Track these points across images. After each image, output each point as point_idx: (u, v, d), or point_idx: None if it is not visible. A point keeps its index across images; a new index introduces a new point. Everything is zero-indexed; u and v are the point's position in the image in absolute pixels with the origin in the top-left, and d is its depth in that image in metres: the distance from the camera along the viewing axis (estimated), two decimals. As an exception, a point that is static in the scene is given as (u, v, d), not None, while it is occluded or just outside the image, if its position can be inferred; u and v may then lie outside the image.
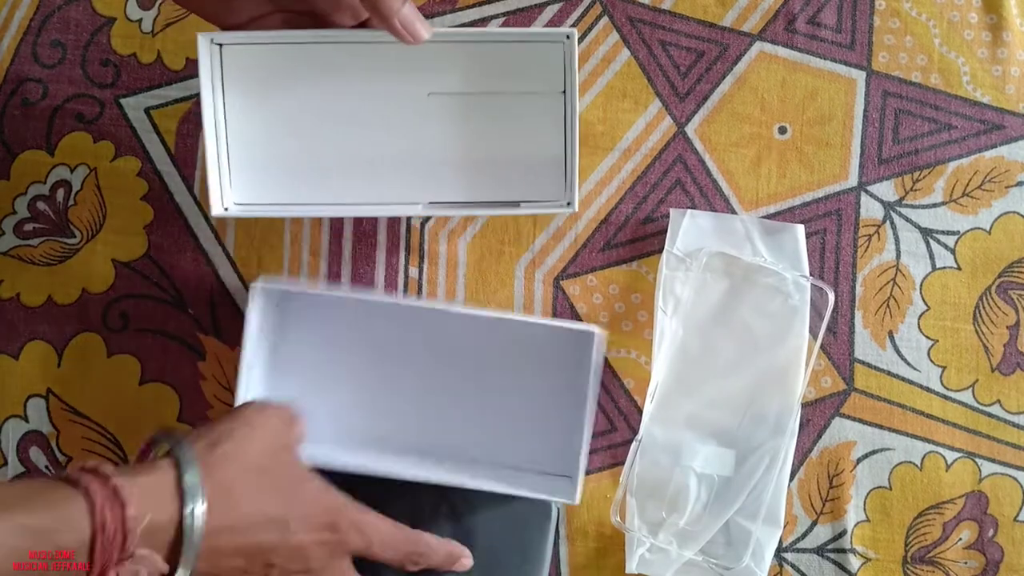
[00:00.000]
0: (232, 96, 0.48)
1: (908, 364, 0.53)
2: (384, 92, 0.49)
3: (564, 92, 0.48)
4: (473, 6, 0.56)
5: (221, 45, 0.47)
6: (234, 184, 0.49)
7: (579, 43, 0.55)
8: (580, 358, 0.48)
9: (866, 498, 0.52)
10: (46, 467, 0.53)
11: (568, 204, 0.48)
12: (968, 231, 0.54)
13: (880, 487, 0.52)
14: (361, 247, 0.54)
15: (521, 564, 0.49)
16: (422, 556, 0.45)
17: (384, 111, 0.49)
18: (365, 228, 0.54)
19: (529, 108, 0.49)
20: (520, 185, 0.49)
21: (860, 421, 0.53)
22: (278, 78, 0.48)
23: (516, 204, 0.49)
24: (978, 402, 0.53)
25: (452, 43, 0.48)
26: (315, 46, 0.48)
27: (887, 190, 0.54)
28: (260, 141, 0.49)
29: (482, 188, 0.49)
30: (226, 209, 0.48)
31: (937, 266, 0.54)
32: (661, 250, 0.53)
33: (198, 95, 0.48)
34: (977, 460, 0.52)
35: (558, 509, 0.51)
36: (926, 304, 0.54)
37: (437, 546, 0.46)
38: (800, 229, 0.53)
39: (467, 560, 0.47)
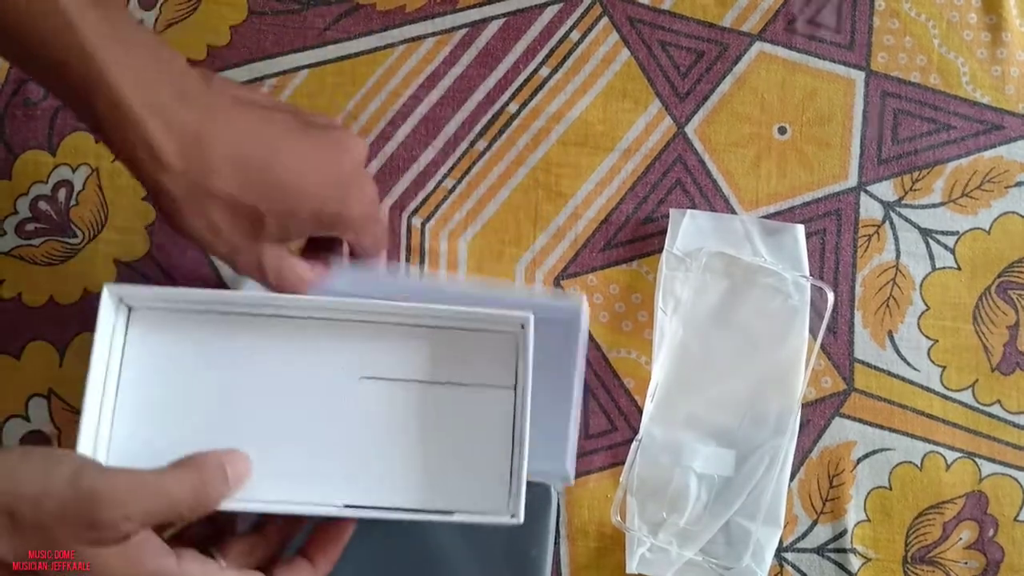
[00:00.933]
0: (134, 353, 0.43)
1: (908, 364, 0.53)
2: (311, 370, 0.43)
3: (515, 387, 0.44)
4: (474, 7, 0.56)
5: (131, 308, 0.42)
6: (114, 437, 0.43)
7: (579, 43, 0.56)
8: (567, 339, 0.48)
9: (866, 498, 0.52)
10: (47, 467, 0.53)
11: (512, 516, 0.41)
12: (968, 231, 0.54)
13: (880, 487, 0.52)
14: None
15: (525, 551, 0.49)
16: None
17: (308, 392, 0.43)
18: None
19: (475, 402, 0.44)
20: (458, 491, 0.43)
21: (860, 421, 0.53)
22: (189, 343, 0.43)
23: (450, 513, 0.42)
24: (978, 402, 0.53)
25: (390, 325, 0.44)
26: (240, 316, 0.43)
27: (887, 190, 0.55)
28: (156, 409, 0.43)
29: (411, 491, 0.43)
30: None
31: (937, 266, 0.54)
32: (661, 250, 0.53)
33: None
34: (977, 460, 0.52)
35: (558, 494, 0.51)
36: (926, 304, 0.54)
37: None
38: (800, 229, 0.53)
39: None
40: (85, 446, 0.41)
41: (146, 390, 0.43)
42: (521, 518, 0.41)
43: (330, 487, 0.42)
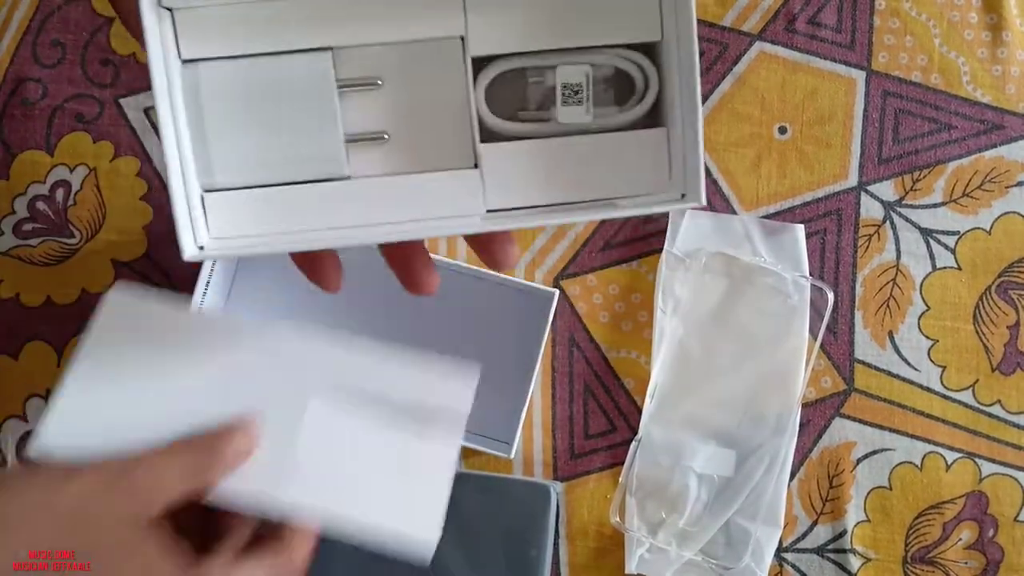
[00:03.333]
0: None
1: (908, 364, 0.53)
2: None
3: (661, 39, 0.36)
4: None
5: (172, 10, 0.35)
6: (211, 210, 0.36)
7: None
8: (537, 320, 0.48)
9: (866, 498, 0.52)
10: (46, 467, 0.53)
11: (683, 196, 0.35)
12: (968, 231, 0.54)
13: (880, 487, 0.52)
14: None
15: (524, 551, 0.49)
16: None
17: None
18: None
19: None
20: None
21: (860, 421, 0.53)
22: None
23: (612, 204, 0.36)
24: (978, 402, 0.53)
25: None
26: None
27: (887, 190, 0.54)
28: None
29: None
30: (201, 248, 0.35)
31: (937, 266, 0.54)
32: (661, 250, 0.53)
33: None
34: (977, 460, 0.52)
35: (557, 495, 0.51)
36: (926, 304, 0.54)
37: None
38: (800, 229, 0.53)
39: None
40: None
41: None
42: (702, 199, 0.34)
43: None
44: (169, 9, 0.35)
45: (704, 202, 0.34)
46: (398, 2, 0.35)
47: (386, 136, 0.36)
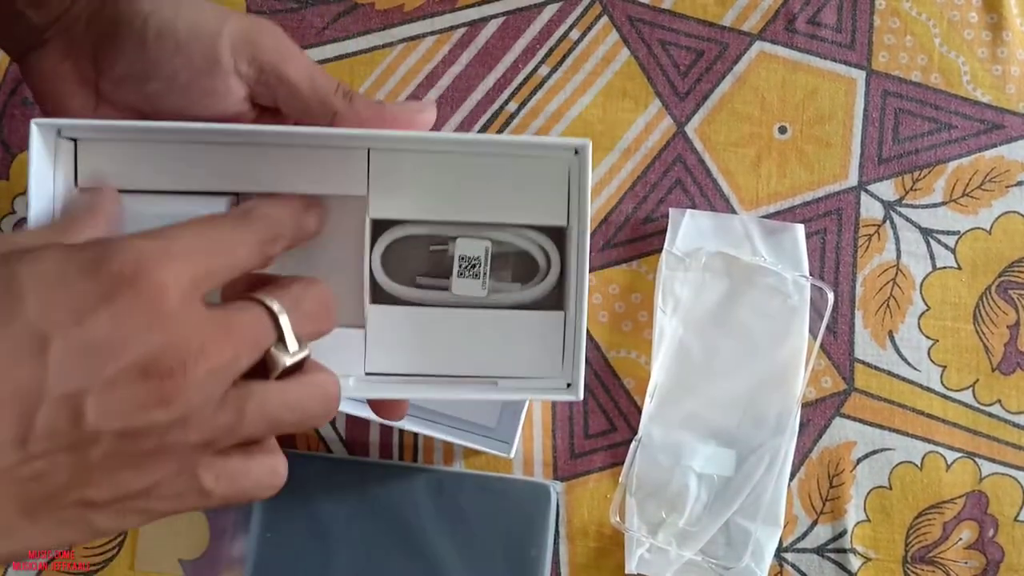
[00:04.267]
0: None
1: (908, 364, 0.53)
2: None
3: (568, 225, 0.36)
4: (472, 6, 0.56)
5: (75, 140, 0.34)
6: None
7: (579, 42, 0.55)
8: None
9: (866, 498, 0.52)
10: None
11: (568, 386, 0.35)
12: (968, 231, 0.54)
13: (880, 487, 0.52)
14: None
15: (524, 551, 0.49)
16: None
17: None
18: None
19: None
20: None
21: (860, 421, 0.53)
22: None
23: (494, 383, 0.36)
24: (978, 402, 0.53)
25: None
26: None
27: (887, 190, 0.54)
28: None
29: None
30: None
31: (937, 266, 0.54)
32: (661, 250, 0.53)
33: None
34: (977, 460, 0.52)
35: (557, 494, 0.51)
36: (926, 304, 0.54)
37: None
38: (800, 229, 0.53)
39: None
40: None
41: None
42: (579, 395, 0.35)
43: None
44: (73, 140, 0.34)
45: (580, 398, 0.35)
46: (305, 158, 0.35)
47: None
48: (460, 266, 0.36)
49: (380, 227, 0.36)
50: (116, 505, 0.25)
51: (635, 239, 0.54)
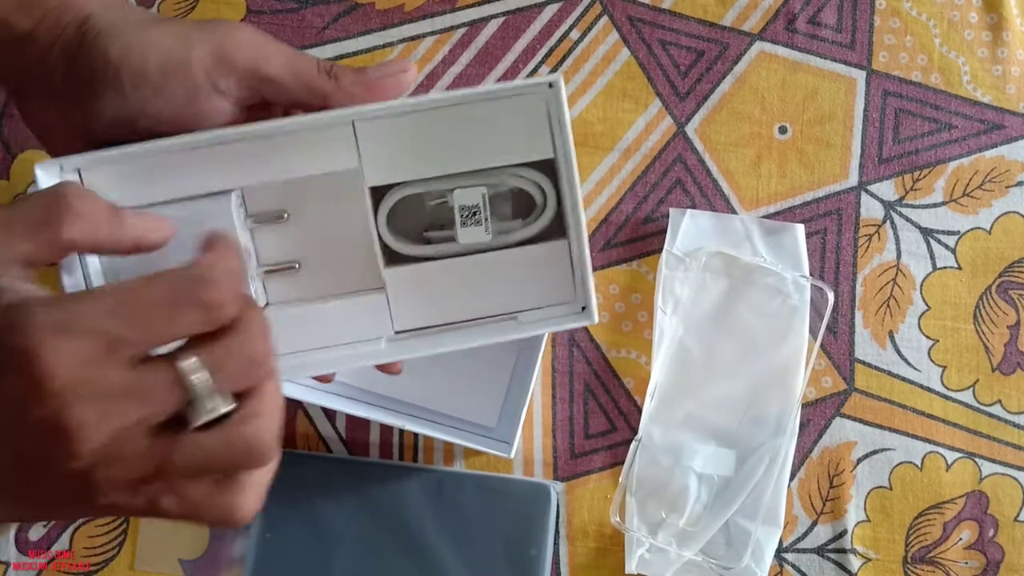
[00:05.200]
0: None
1: (908, 364, 0.53)
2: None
3: (555, 156, 0.37)
4: (472, 6, 0.56)
5: (79, 170, 0.36)
6: None
7: (579, 42, 0.55)
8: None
9: (866, 498, 0.52)
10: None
11: (583, 309, 0.37)
12: (968, 231, 0.54)
13: (880, 487, 0.52)
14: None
15: (524, 551, 0.49)
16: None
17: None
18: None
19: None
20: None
21: (860, 421, 0.53)
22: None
23: (515, 319, 0.38)
24: (978, 402, 0.53)
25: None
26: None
27: (887, 190, 0.54)
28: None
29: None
30: None
31: (937, 266, 0.54)
32: (661, 250, 0.53)
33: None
34: (977, 460, 0.52)
35: (557, 494, 0.51)
36: (926, 304, 0.54)
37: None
38: (800, 229, 0.53)
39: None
40: None
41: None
42: (594, 317, 0.36)
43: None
44: (77, 170, 0.36)
45: (596, 320, 0.37)
46: (294, 143, 0.36)
47: (297, 266, 0.38)
48: (462, 216, 0.37)
49: (379, 193, 0.37)
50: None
51: (635, 239, 0.54)
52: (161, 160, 0.36)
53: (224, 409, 0.28)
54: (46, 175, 0.35)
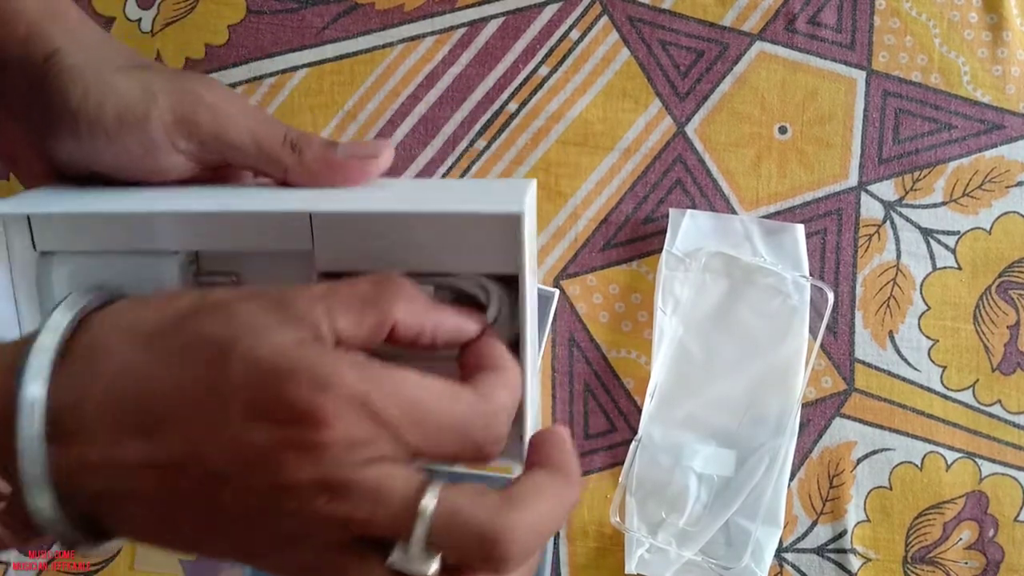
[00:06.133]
0: None
1: (908, 364, 0.53)
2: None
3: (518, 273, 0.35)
4: (472, 6, 0.56)
5: (28, 217, 0.36)
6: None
7: (579, 42, 0.55)
8: (538, 320, 0.47)
9: (866, 498, 0.52)
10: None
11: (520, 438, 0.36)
12: (968, 231, 0.54)
13: (880, 487, 0.52)
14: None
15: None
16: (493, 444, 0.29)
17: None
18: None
19: None
20: None
21: (860, 421, 0.53)
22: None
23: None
24: (978, 402, 0.53)
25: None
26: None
27: (887, 190, 0.54)
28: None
29: None
30: None
31: (937, 266, 0.54)
32: (661, 250, 0.53)
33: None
34: (977, 460, 0.52)
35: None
36: (926, 304, 0.54)
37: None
38: (800, 229, 0.53)
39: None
40: None
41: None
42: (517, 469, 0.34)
43: None
44: (27, 216, 0.36)
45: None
46: (251, 220, 0.36)
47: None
48: None
49: (329, 276, 0.37)
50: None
51: (635, 239, 0.54)
52: (114, 219, 0.36)
53: (423, 570, 0.25)
54: None
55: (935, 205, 0.54)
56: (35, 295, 0.37)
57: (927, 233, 0.54)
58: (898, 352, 0.53)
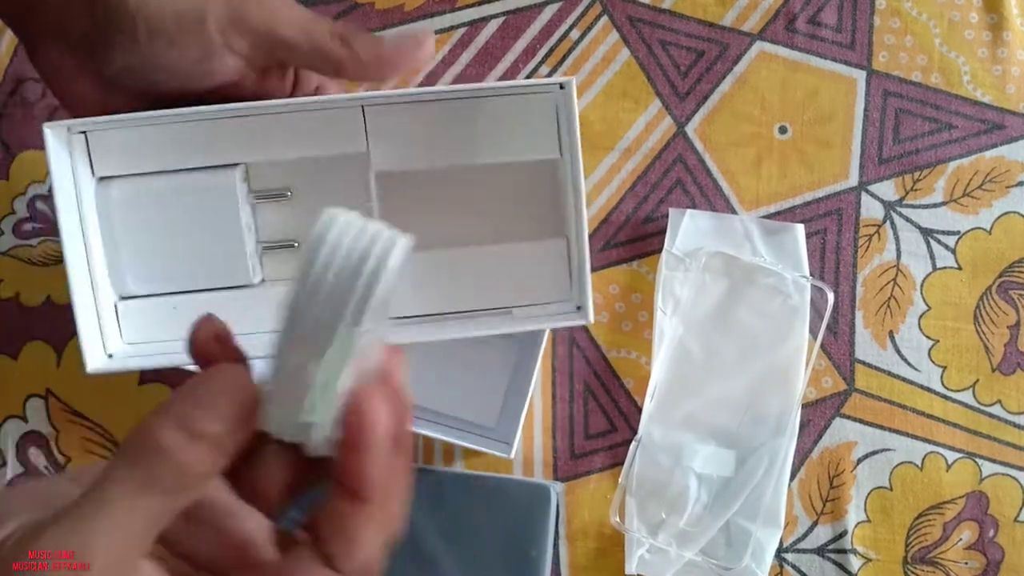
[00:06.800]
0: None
1: (909, 364, 0.53)
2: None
3: (560, 156, 0.37)
4: (472, 5, 0.56)
5: (85, 132, 0.36)
6: (124, 317, 0.37)
7: (579, 42, 0.55)
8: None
9: (867, 498, 0.52)
10: (45, 467, 0.53)
11: (578, 308, 0.37)
12: (968, 231, 0.54)
13: (881, 487, 0.52)
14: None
15: (524, 552, 0.49)
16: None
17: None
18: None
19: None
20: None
21: (861, 421, 0.52)
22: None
23: (509, 312, 0.37)
24: (979, 402, 0.53)
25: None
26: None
27: (887, 190, 0.54)
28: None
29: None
30: (110, 357, 0.37)
31: (938, 266, 0.54)
32: (661, 250, 0.53)
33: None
34: (977, 460, 0.52)
35: (557, 495, 0.51)
36: (927, 304, 0.54)
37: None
38: (800, 229, 0.53)
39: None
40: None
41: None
42: (590, 317, 0.35)
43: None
44: (83, 132, 0.36)
45: (591, 320, 0.36)
46: (303, 122, 0.37)
47: (296, 244, 0.38)
48: None
49: (386, 180, 0.37)
50: None
51: (635, 239, 0.54)
52: (169, 128, 0.36)
53: None
54: (54, 136, 0.35)
55: (935, 205, 0.54)
56: (95, 220, 0.36)
57: (927, 233, 0.54)
58: (898, 352, 0.53)
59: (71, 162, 0.36)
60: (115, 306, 0.38)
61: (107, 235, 0.37)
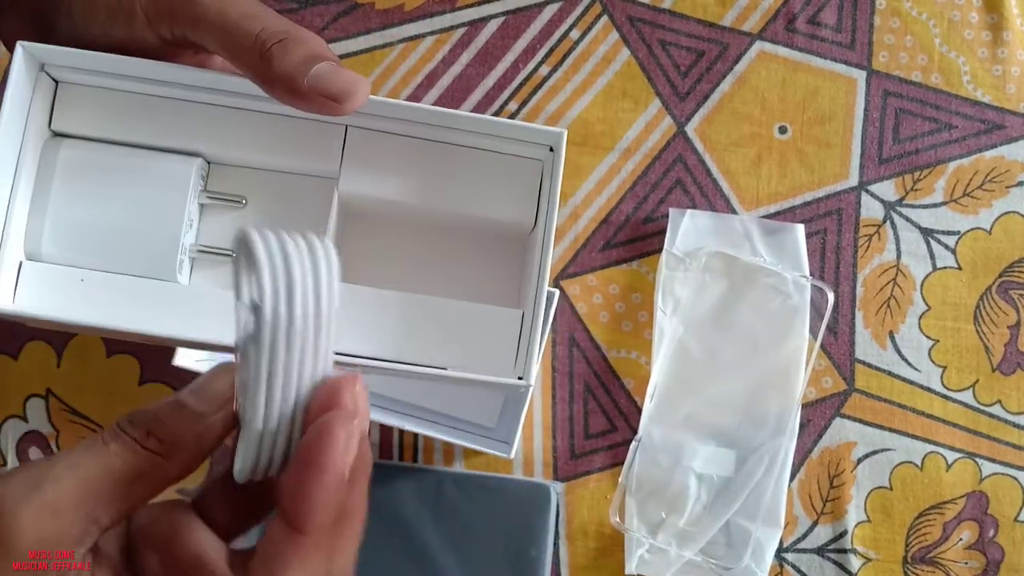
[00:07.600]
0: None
1: (909, 364, 0.53)
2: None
3: (535, 226, 0.35)
4: (472, 5, 0.56)
5: (58, 82, 0.34)
6: (24, 278, 0.34)
7: (579, 42, 0.55)
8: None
9: (867, 498, 0.52)
10: (45, 467, 0.53)
11: (520, 378, 0.34)
12: (968, 231, 0.54)
13: (881, 487, 0.52)
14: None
15: (524, 551, 0.49)
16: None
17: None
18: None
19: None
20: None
21: (861, 421, 0.52)
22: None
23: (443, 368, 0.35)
24: (979, 402, 0.53)
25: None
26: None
27: (887, 190, 0.54)
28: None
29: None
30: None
31: (938, 266, 0.54)
32: (661, 250, 0.53)
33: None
34: (978, 460, 0.52)
35: (557, 495, 0.51)
36: (927, 304, 0.54)
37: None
38: (800, 229, 0.53)
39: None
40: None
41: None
42: (529, 382, 0.33)
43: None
44: (55, 80, 0.34)
45: (528, 384, 0.34)
46: (281, 132, 0.35)
47: (234, 255, 0.36)
48: None
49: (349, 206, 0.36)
50: None
51: (635, 239, 0.54)
52: (137, 99, 0.35)
53: None
54: (23, 60, 0.32)
55: (935, 205, 0.54)
56: (33, 171, 0.34)
57: (927, 233, 0.54)
58: (898, 352, 0.53)
59: (30, 100, 0.34)
60: (19, 263, 0.35)
61: (40, 192, 0.35)
